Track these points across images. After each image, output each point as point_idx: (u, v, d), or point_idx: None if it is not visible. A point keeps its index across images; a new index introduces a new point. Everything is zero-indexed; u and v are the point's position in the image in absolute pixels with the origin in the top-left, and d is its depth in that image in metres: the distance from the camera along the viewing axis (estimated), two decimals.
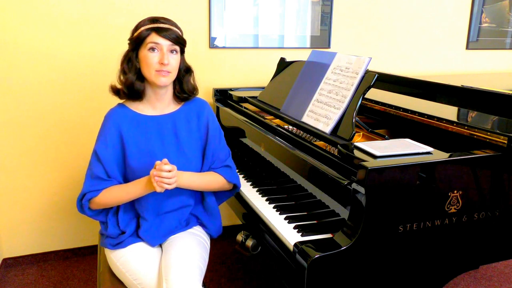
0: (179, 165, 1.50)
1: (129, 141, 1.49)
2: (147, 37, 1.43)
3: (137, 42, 1.46)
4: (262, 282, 2.32)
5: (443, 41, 3.13)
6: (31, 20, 2.19)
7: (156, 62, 1.44)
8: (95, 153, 1.47)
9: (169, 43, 1.44)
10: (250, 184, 1.84)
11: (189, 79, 1.58)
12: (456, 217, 1.32)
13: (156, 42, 1.43)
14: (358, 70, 1.58)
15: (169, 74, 1.46)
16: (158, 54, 1.44)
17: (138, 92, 1.50)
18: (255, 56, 2.65)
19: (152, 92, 1.53)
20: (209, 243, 1.65)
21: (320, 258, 1.17)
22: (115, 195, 1.47)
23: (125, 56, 1.51)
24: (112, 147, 1.48)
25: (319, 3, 2.69)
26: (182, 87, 1.56)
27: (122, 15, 2.31)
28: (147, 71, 1.45)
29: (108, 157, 1.47)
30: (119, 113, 1.52)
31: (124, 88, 1.49)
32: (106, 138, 1.48)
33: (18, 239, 2.44)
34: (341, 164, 1.35)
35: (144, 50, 1.45)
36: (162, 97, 1.54)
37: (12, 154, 2.32)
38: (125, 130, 1.50)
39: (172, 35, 1.45)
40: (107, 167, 1.46)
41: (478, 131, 1.44)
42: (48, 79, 2.28)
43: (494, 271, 2.47)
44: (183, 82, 1.56)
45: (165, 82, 1.47)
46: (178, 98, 1.58)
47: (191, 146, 1.57)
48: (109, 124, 1.50)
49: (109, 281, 1.52)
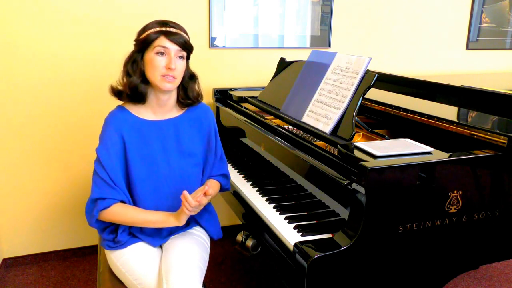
0: (180, 170, 1.49)
1: (130, 145, 1.47)
2: (155, 40, 1.41)
3: (144, 44, 1.43)
4: (262, 282, 2.32)
5: (443, 41, 3.13)
6: (35, 22, 2.19)
7: (163, 66, 1.41)
8: (98, 157, 1.45)
9: (178, 48, 1.42)
10: (250, 184, 1.84)
11: (194, 86, 1.56)
12: (456, 217, 1.32)
13: (165, 46, 1.40)
14: (358, 70, 1.58)
15: (174, 80, 1.43)
16: (166, 59, 1.41)
17: (142, 95, 1.47)
18: (255, 56, 2.65)
19: (154, 97, 1.50)
20: (209, 244, 1.65)
21: (320, 258, 1.17)
22: (130, 216, 1.44)
23: (129, 57, 1.48)
24: (114, 151, 1.44)
25: (319, 3, 2.69)
26: (186, 93, 1.54)
27: (122, 16, 2.31)
28: (152, 74, 1.43)
29: (110, 161, 1.43)
30: (119, 117, 1.49)
31: (128, 90, 1.46)
32: (107, 142, 1.45)
33: (18, 239, 2.44)
34: (341, 164, 1.35)
35: (151, 53, 1.42)
36: (165, 102, 1.51)
37: (13, 154, 2.32)
38: (127, 135, 1.47)
39: (181, 40, 1.42)
40: (108, 171, 1.43)
41: (478, 131, 1.44)
42: (49, 80, 2.28)
43: (494, 271, 2.47)
44: (187, 88, 1.53)
45: (170, 87, 1.44)
46: (182, 104, 1.55)
47: (192, 152, 1.55)
48: (110, 128, 1.46)
49: (109, 281, 1.52)
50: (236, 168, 2.06)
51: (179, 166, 1.51)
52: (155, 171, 1.49)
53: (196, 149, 1.56)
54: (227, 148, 2.32)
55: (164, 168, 1.50)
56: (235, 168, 2.05)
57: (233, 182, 1.89)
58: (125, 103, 1.53)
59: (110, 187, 1.42)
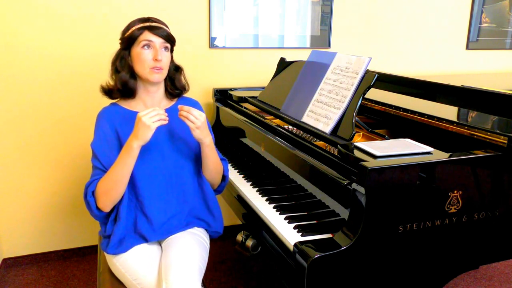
0: (174, 159, 1.52)
1: (124, 137, 1.50)
2: (140, 35, 1.48)
3: (130, 41, 1.49)
4: (262, 282, 2.32)
5: (443, 41, 3.13)
6: (31, 21, 2.19)
7: (150, 59, 1.47)
8: (92, 149, 1.50)
9: (162, 41, 1.49)
10: (250, 184, 1.84)
11: (180, 77, 1.63)
12: (456, 217, 1.32)
13: (150, 40, 1.47)
14: (358, 70, 1.58)
15: (161, 70, 1.50)
16: (152, 51, 1.48)
17: (132, 90, 1.53)
18: (255, 56, 2.65)
19: (143, 90, 1.56)
20: (208, 243, 1.65)
21: (320, 258, 1.17)
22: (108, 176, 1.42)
23: (117, 55, 1.55)
24: (106, 141, 1.49)
25: (319, 3, 2.69)
26: (174, 84, 1.61)
27: (121, 15, 2.31)
28: (141, 68, 1.49)
29: (102, 151, 1.48)
30: (111, 111, 1.55)
31: (119, 85, 1.52)
32: (101, 134, 1.50)
33: (18, 239, 2.44)
34: (341, 164, 1.35)
35: (137, 48, 1.48)
36: (154, 94, 1.57)
37: (12, 154, 2.32)
38: (119, 127, 1.51)
39: (164, 33, 1.50)
40: (102, 160, 1.47)
41: (478, 131, 1.44)
42: (48, 79, 2.28)
43: (494, 271, 2.47)
44: (174, 79, 1.61)
45: (158, 78, 1.50)
46: (171, 95, 1.62)
47: (185, 141, 1.59)
48: (102, 121, 1.52)
49: (109, 281, 1.52)
50: (236, 168, 2.06)
51: (172, 156, 1.55)
52: (149, 162, 1.51)
53: (187, 138, 1.59)
54: (227, 148, 2.32)
55: (158, 158, 1.53)
56: (235, 168, 2.05)
57: (233, 182, 1.89)
58: (118, 100, 1.59)
59: (102, 171, 1.47)
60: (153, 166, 1.52)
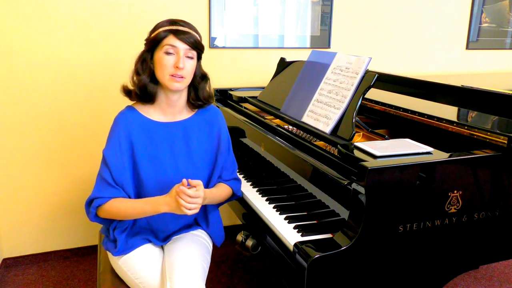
0: (188, 173, 1.47)
1: (138, 147, 1.45)
2: (164, 39, 1.40)
3: (154, 43, 1.42)
4: (262, 282, 2.32)
5: (443, 41, 3.13)
6: (36, 22, 2.19)
7: (171, 65, 1.39)
8: (103, 156, 1.43)
9: (186, 47, 1.41)
10: (250, 184, 1.84)
11: (205, 86, 1.54)
12: (456, 217, 1.32)
13: (173, 45, 1.39)
14: (358, 70, 1.58)
15: (183, 79, 1.41)
16: (174, 58, 1.40)
17: (151, 95, 1.45)
18: (255, 56, 2.65)
19: (164, 97, 1.48)
20: (211, 245, 1.64)
21: (320, 258, 1.17)
22: (124, 208, 1.40)
23: (140, 57, 1.47)
24: (120, 152, 1.43)
25: (319, 3, 2.69)
26: (197, 94, 1.52)
27: (123, 15, 2.31)
28: (161, 74, 1.41)
29: (115, 161, 1.42)
30: (129, 117, 1.46)
31: (137, 90, 1.45)
32: (115, 143, 1.43)
33: (18, 239, 2.44)
34: (341, 164, 1.35)
35: (160, 52, 1.40)
36: (175, 103, 1.49)
37: (13, 154, 2.32)
38: (135, 136, 1.45)
39: (190, 39, 1.41)
40: (113, 172, 1.41)
41: (478, 131, 1.44)
42: (50, 81, 2.28)
43: (494, 271, 2.47)
44: (198, 89, 1.51)
45: (178, 87, 1.42)
46: (192, 105, 1.54)
47: (201, 155, 1.54)
48: (119, 128, 1.45)
49: (110, 281, 1.52)
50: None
51: (186, 171, 1.50)
52: (162, 174, 1.47)
53: (204, 153, 1.54)
54: None
55: (172, 171, 1.49)
56: None
57: None
58: (135, 103, 1.52)
59: (111, 187, 1.42)
60: (165, 178, 1.48)
